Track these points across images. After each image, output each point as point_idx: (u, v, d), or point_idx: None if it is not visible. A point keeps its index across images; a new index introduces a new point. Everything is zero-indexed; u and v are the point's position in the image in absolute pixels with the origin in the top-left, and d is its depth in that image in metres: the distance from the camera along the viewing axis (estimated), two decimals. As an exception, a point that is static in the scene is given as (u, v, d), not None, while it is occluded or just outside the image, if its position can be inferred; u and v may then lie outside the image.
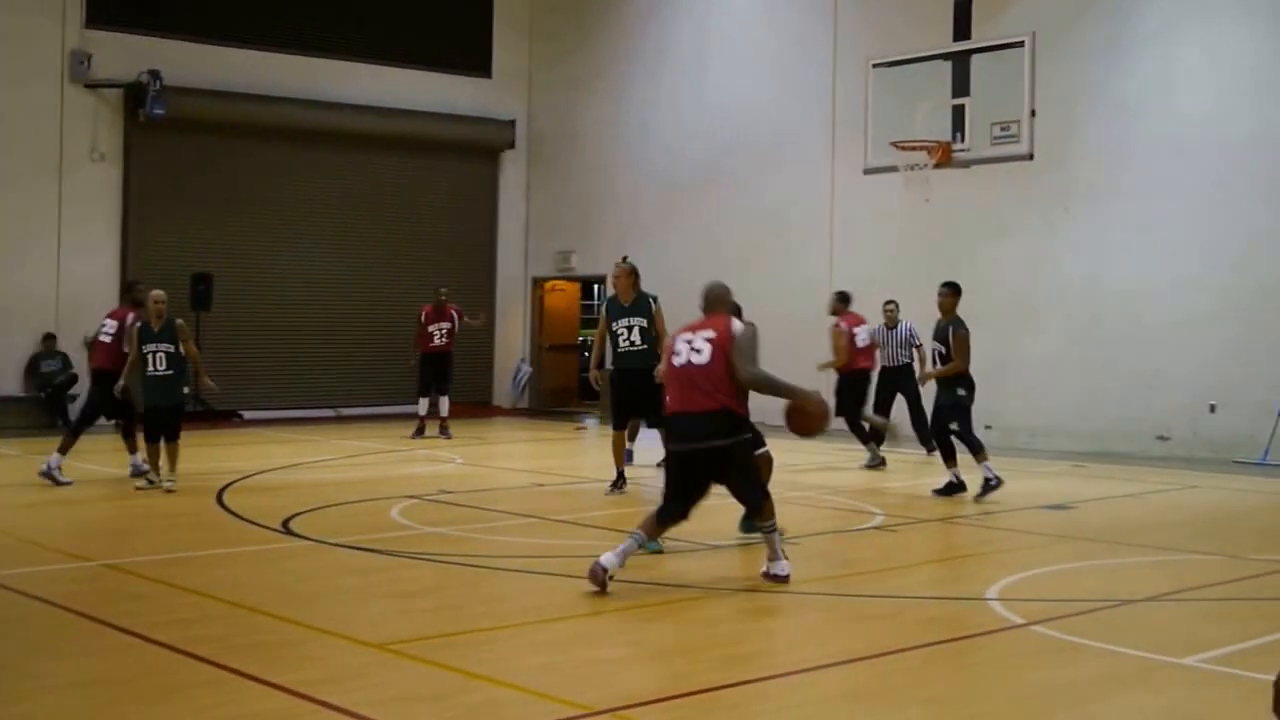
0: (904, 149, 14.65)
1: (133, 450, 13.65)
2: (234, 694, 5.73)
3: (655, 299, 12.60)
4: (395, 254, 23.50)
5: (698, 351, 8.00)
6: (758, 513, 8.28)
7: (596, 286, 26.17)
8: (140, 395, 12.92)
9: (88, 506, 12.11)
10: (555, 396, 25.23)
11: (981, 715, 5.66)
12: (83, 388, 17.49)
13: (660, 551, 8.91)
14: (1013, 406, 16.08)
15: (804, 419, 8.15)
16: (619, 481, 12.47)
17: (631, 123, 23.29)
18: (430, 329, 18.70)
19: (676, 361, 8.07)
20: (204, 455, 15.63)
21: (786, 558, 8.18)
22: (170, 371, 12.71)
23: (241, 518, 10.93)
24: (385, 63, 23.56)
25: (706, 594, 8.08)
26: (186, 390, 12.90)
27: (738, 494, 8.34)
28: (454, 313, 18.85)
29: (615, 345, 12.50)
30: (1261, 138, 15.59)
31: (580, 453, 17.85)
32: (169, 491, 12.42)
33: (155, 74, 20.52)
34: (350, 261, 22.92)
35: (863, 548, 10.00)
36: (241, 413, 21.52)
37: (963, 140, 14.42)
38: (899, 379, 15.70)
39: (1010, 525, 10.53)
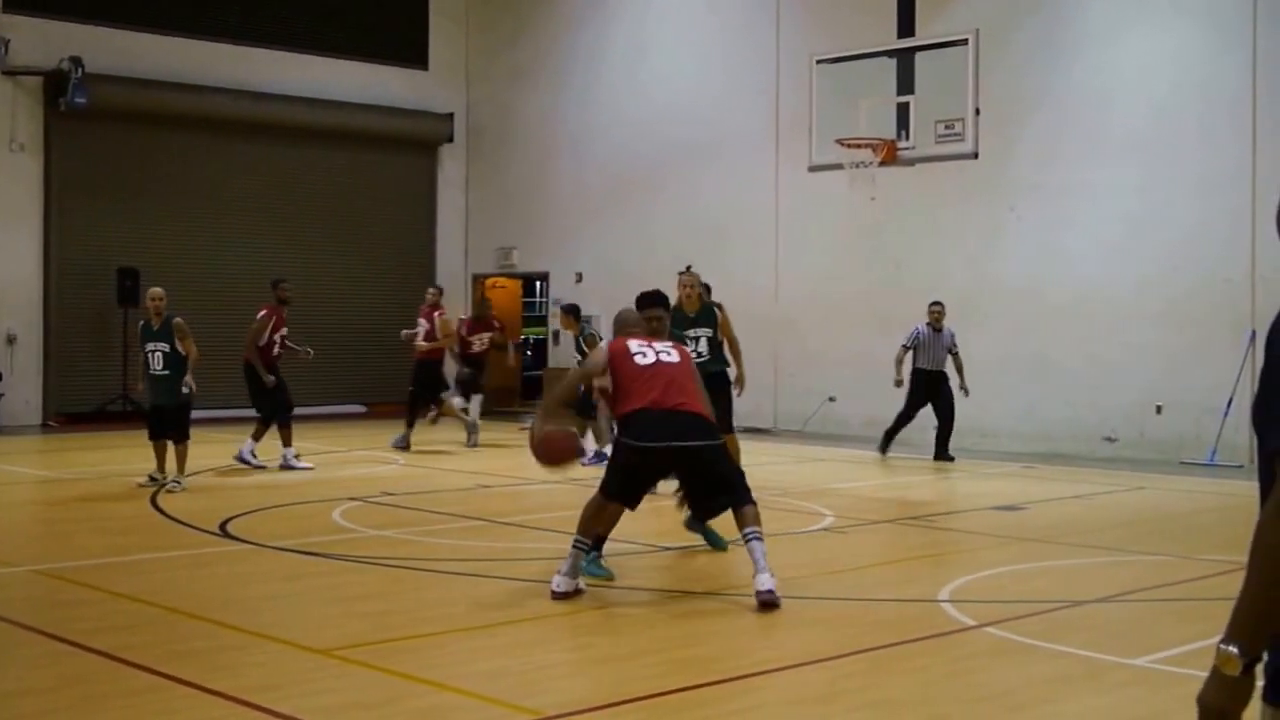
0: (849, 146, 14.65)
1: (286, 442, 14.47)
2: (172, 702, 5.63)
3: (720, 307, 12.46)
4: (330, 250, 23.17)
5: (666, 353, 8.00)
6: (749, 505, 7.94)
7: (538, 283, 26.03)
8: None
9: (15, 510, 11.89)
10: (497, 397, 25.02)
11: (933, 717, 5.65)
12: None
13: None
14: (960, 408, 16.09)
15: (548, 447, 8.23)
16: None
17: (572, 117, 23.17)
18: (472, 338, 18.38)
19: (642, 362, 7.91)
20: (136, 456, 15.33)
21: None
22: (167, 371, 12.58)
23: (177, 520, 10.74)
24: (317, 53, 23.17)
25: (656, 597, 8.04)
26: (187, 390, 12.67)
27: (729, 486, 8.05)
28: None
29: None
30: (1200, 139, 15.72)
31: (524, 454, 17.66)
32: (170, 492, 12.25)
33: (77, 61, 19.97)
34: (283, 257, 22.49)
35: (813, 550, 9.95)
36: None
37: (907, 138, 14.43)
38: (936, 384, 15.65)
39: (961, 527, 10.54)
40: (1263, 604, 2.30)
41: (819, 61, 15.44)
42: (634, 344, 8.06)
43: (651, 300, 8.78)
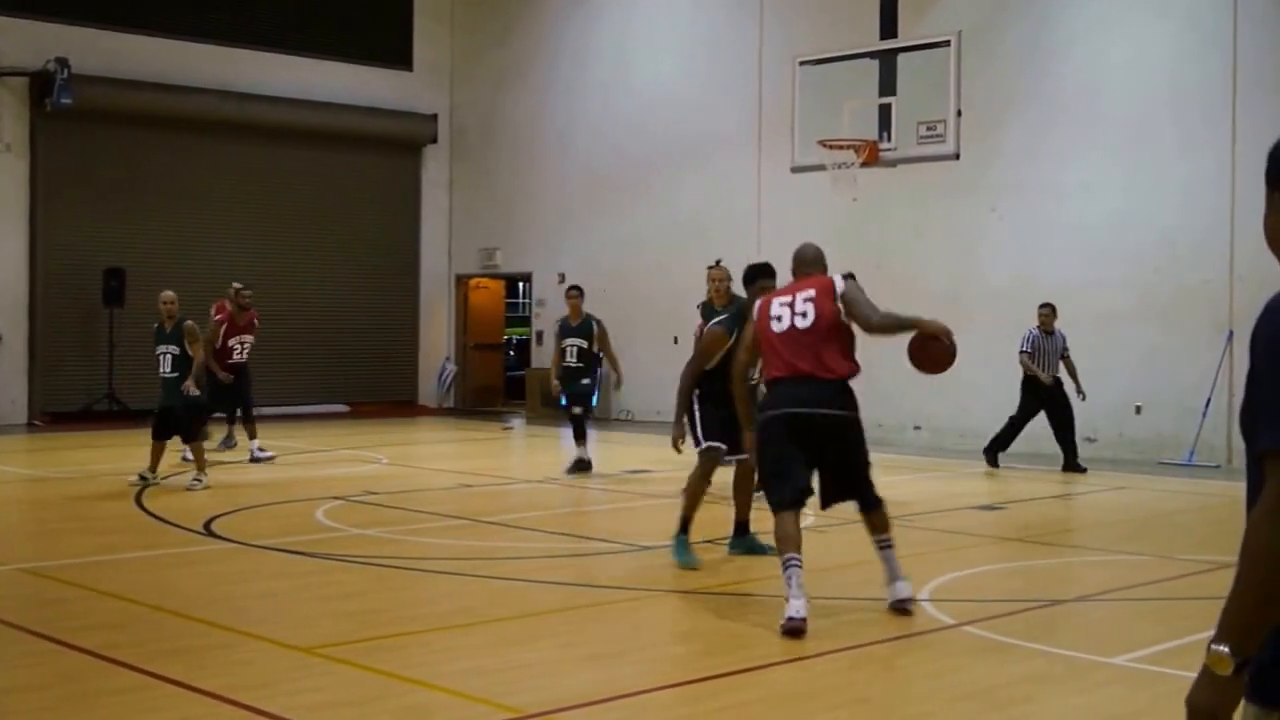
0: (831, 147, 14.70)
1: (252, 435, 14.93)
2: (159, 700, 5.65)
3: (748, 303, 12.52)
4: (314, 250, 23.16)
5: (802, 315, 7.22)
6: (877, 509, 7.47)
7: (521, 284, 26.08)
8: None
9: (1, 509, 11.86)
10: (481, 396, 25.10)
11: (913, 716, 5.69)
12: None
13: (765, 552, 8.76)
14: (941, 408, 16.19)
15: (934, 346, 7.26)
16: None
17: (556, 118, 23.21)
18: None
19: (776, 329, 7.27)
20: (122, 455, 15.36)
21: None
22: (177, 373, 12.77)
23: (162, 520, 10.75)
24: (302, 54, 23.17)
25: (638, 596, 8.06)
26: (196, 392, 12.84)
27: (853, 480, 7.44)
28: None
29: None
30: (1180, 141, 15.83)
31: (507, 453, 17.74)
32: (191, 490, 12.37)
33: (63, 62, 19.95)
34: (269, 257, 22.52)
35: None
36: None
37: (889, 139, 14.48)
38: (1051, 391, 14.90)
39: (941, 526, 10.58)
40: (1254, 604, 2.30)
41: (802, 63, 15.49)
42: (777, 302, 7.42)
43: (762, 270, 8.65)
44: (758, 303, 7.62)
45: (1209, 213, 15.54)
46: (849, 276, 7.66)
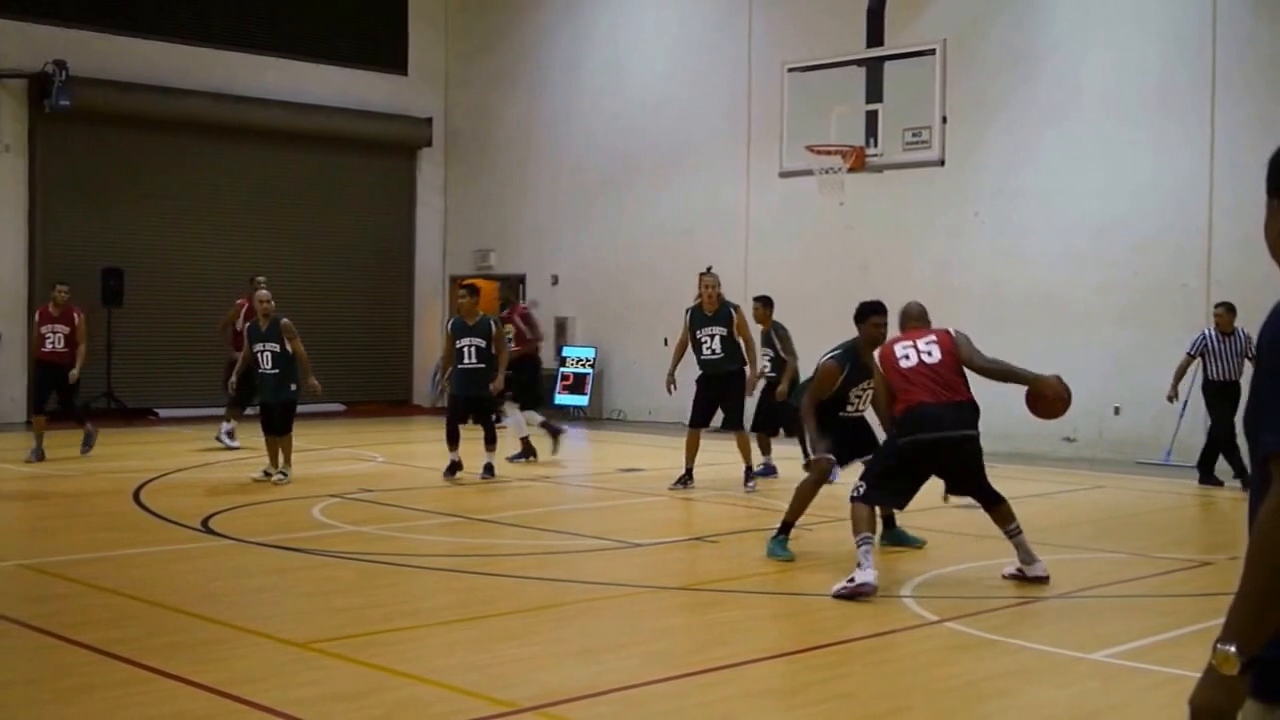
0: (818, 153, 14.77)
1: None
2: (155, 694, 5.71)
3: (737, 308, 12.99)
4: (311, 251, 23.26)
5: (928, 354, 8.42)
6: (1001, 504, 8.45)
7: (515, 285, 26.14)
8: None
9: (1, 505, 11.94)
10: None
11: (896, 710, 5.78)
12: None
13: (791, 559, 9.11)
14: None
15: (1043, 402, 8.46)
16: (686, 478, 12.95)
17: (549, 121, 23.32)
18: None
19: (906, 365, 8.36)
20: (120, 453, 15.48)
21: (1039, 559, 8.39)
22: (277, 370, 13.05)
23: (160, 516, 10.83)
24: (298, 57, 23.25)
25: (628, 592, 8.16)
26: (294, 387, 13.13)
27: (981, 486, 8.50)
28: None
29: (699, 353, 12.95)
30: (1158, 148, 15.99)
31: (500, 451, 17.81)
32: (277, 484, 12.68)
33: (61, 64, 20.05)
34: (266, 259, 22.50)
35: (780, 546, 10.11)
36: (156, 410, 21.26)
37: (876, 145, 14.57)
38: (1230, 395, 13.54)
39: (923, 524, 10.69)
40: (1260, 604, 2.29)
41: (790, 69, 15.57)
42: (899, 347, 8.54)
43: (874, 308, 9.31)
44: (879, 353, 8.75)
45: (1187, 218, 15.71)
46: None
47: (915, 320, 8.89)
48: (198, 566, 8.88)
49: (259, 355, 13.09)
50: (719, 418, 13.26)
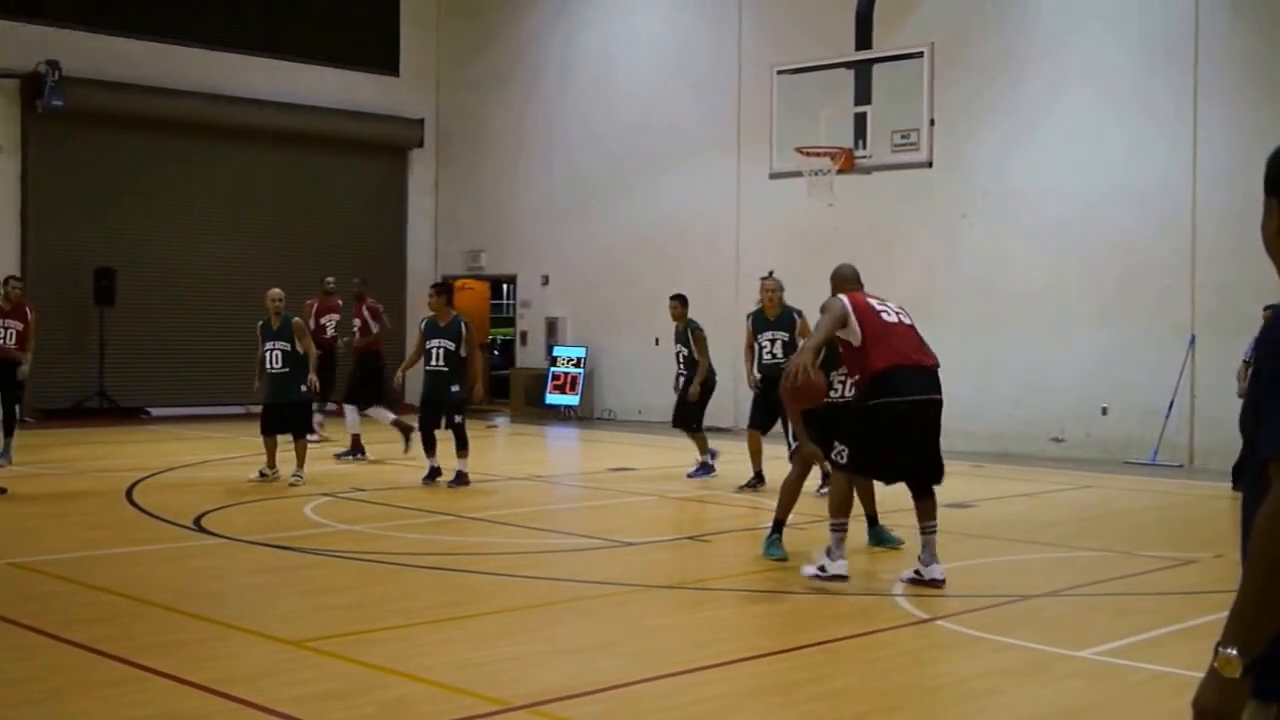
0: (808, 155, 14.81)
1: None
2: (148, 693, 5.71)
3: (800, 313, 12.93)
4: (303, 251, 23.20)
5: (904, 315, 8.25)
6: (931, 496, 8.28)
7: (506, 286, 26.19)
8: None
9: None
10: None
11: (886, 708, 5.80)
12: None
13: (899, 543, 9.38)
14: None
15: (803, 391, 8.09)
16: (756, 480, 12.91)
17: (540, 123, 23.35)
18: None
19: (888, 319, 8.11)
20: (112, 452, 15.46)
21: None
22: (287, 369, 12.96)
23: (152, 515, 10.85)
24: (290, 58, 23.29)
25: (619, 591, 8.19)
26: (304, 388, 13.06)
27: (934, 461, 8.26)
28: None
29: (760, 357, 12.96)
30: (1143, 150, 16.08)
31: (492, 450, 17.85)
32: (293, 485, 12.55)
33: (54, 64, 20.11)
34: (258, 258, 22.59)
35: (771, 545, 10.15)
36: (148, 409, 21.26)
37: (864, 147, 14.61)
38: None
39: (913, 524, 10.73)
40: (1260, 607, 2.29)
41: (779, 72, 15.61)
42: (873, 300, 8.25)
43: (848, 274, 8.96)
44: (846, 298, 8.18)
45: (1170, 220, 15.81)
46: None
47: (854, 284, 8.57)
48: (190, 565, 8.90)
49: (268, 354, 13.01)
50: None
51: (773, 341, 12.88)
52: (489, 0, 24.39)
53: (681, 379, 13.91)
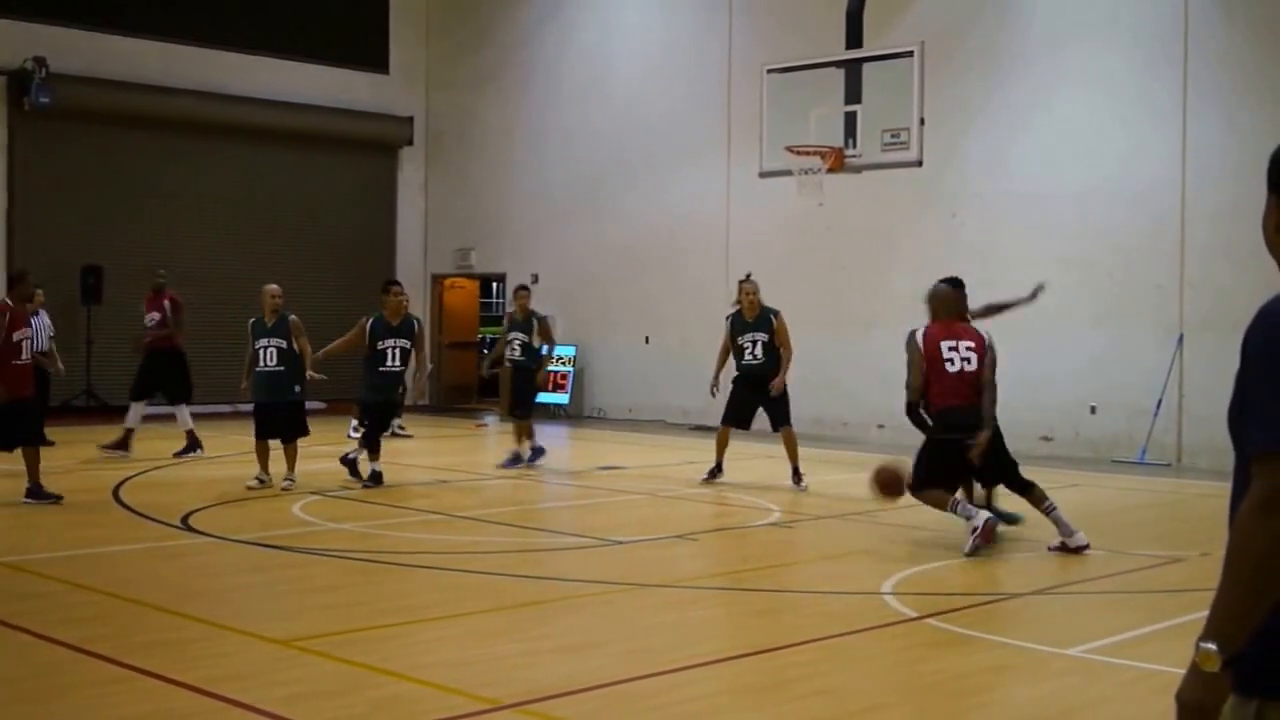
0: (798, 154, 14.87)
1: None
2: (137, 693, 5.70)
3: (777, 314, 13.20)
4: (292, 249, 23.19)
5: (968, 362, 9.47)
6: (1033, 488, 9.54)
7: (495, 284, 26.19)
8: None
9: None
10: (455, 393, 25.20)
11: (876, 707, 5.81)
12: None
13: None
14: (903, 407, 16.28)
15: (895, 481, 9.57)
16: (716, 471, 13.18)
17: (530, 122, 23.34)
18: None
19: (951, 370, 9.39)
20: (99, 451, 15.40)
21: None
22: (282, 367, 12.54)
23: (140, 514, 10.81)
24: (280, 56, 23.20)
25: (610, 590, 8.19)
26: (299, 388, 12.69)
27: (1011, 473, 9.66)
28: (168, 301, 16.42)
29: (740, 357, 13.19)
30: (1133, 150, 16.10)
31: (482, 449, 17.85)
32: (285, 490, 12.23)
33: (41, 61, 19.99)
34: (246, 256, 22.54)
35: (760, 544, 10.19)
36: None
37: (854, 146, 14.67)
38: None
39: (902, 521, 10.75)
40: (1240, 602, 2.31)
41: (769, 71, 15.66)
42: (945, 346, 9.43)
43: (957, 283, 10.18)
44: (922, 336, 9.53)
45: (1161, 220, 15.84)
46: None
47: (946, 308, 9.74)
48: (179, 564, 8.88)
49: (261, 351, 12.54)
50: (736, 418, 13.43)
51: (753, 343, 13.04)
52: (479, -1, 24.40)
53: (513, 367, 14.64)
